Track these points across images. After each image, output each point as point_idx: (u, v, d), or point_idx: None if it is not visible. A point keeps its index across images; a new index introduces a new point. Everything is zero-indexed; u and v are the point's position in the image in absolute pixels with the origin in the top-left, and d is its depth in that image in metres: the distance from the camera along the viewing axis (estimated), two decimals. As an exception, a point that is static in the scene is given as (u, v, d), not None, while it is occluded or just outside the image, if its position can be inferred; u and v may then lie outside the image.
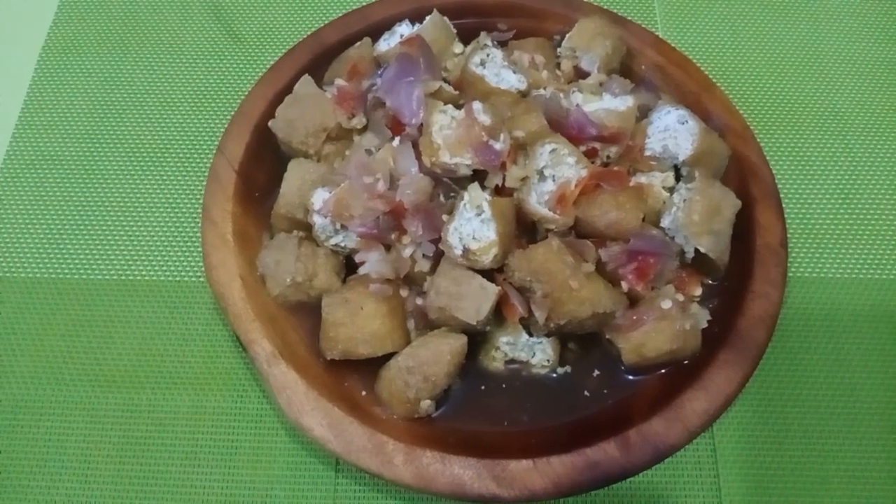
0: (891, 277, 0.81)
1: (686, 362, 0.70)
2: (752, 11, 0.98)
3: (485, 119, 0.67)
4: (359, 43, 0.81)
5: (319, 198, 0.70)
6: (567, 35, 0.82)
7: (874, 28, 0.97)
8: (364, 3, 0.88)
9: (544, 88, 0.76)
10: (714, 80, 0.84)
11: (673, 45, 0.88)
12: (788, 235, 0.81)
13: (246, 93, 0.81)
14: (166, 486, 0.70)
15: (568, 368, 0.71)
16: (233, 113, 0.80)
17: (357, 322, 0.67)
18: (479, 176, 0.69)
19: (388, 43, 0.81)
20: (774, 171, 0.80)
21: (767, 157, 0.80)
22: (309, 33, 0.85)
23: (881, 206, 0.85)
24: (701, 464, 0.72)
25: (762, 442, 0.73)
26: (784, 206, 0.80)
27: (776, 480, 0.71)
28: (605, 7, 0.89)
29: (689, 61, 0.84)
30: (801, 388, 0.75)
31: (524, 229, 0.70)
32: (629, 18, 0.88)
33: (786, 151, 0.88)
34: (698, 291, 0.73)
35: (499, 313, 0.69)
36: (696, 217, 0.70)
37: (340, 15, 0.86)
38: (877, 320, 0.78)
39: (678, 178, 0.75)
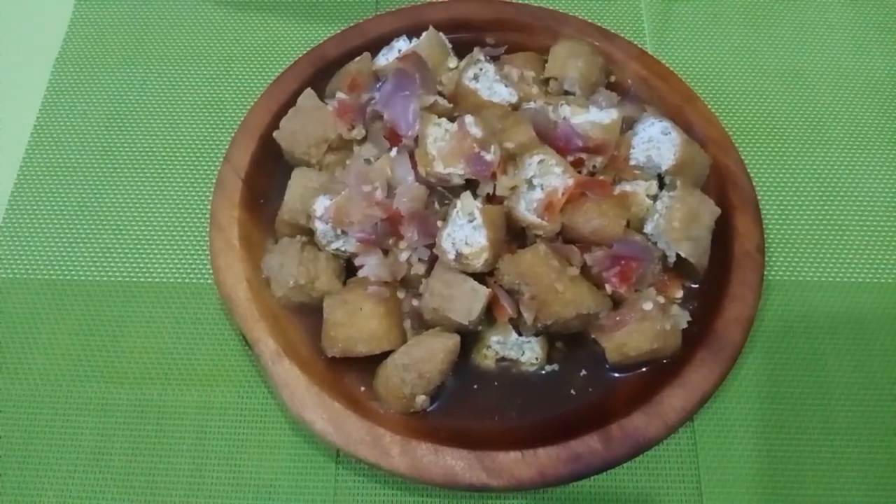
0: (864, 281, 0.84)
1: (666, 361, 0.73)
2: (738, 25, 1.01)
3: (476, 132, 0.71)
4: (358, 57, 0.85)
5: (321, 205, 0.74)
6: (545, 66, 0.86)
7: (856, 40, 1.00)
8: (363, 19, 0.91)
9: (534, 101, 0.79)
10: (699, 92, 0.88)
11: (661, 58, 0.91)
12: (768, 241, 0.85)
13: (251, 104, 0.84)
14: (176, 478, 0.74)
15: (555, 366, 0.74)
16: (239, 124, 0.83)
17: (356, 322, 0.71)
18: (471, 185, 0.72)
19: (386, 57, 0.84)
20: (755, 180, 0.83)
21: (749, 166, 0.83)
22: (311, 47, 0.88)
23: (856, 213, 0.88)
24: (682, 457, 0.75)
25: (741, 437, 0.76)
26: (764, 212, 0.84)
27: (753, 473, 0.74)
28: (594, 22, 0.92)
29: (673, 74, 0.88)
30: (778, 385, 0.78)
31: (514, 235, 0.74)
32: (618, 33, 0.91)
33: (767, 160, 0.92)
34: (679, 294, 0.77)
35: (490, 314, 0.72)
36: (676, 224, 0.73)
37: (341, 30, 0.90)
38: (851, 321, 0.82)
39: (661, 186, 0.79)
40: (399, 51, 0.84)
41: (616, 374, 0.74)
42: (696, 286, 0.78)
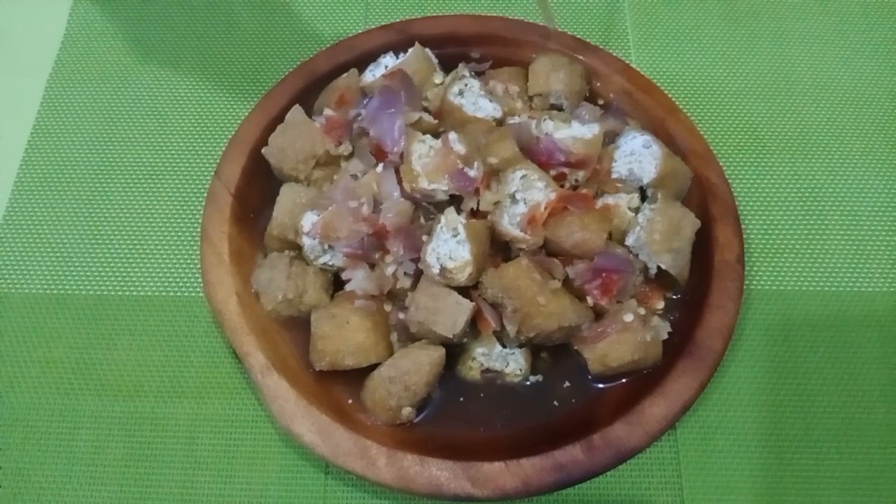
0: (844, 289, 0.85)
1: (647, 371, 0.75)
2: (721, 37, 1.02)
3: (460, 148, 0.72)
4: (346, 74, 0.86)
5: (309, 220, 0.75)
6: (528, 84, 0.87)
7: (839, 50, 1.01)
8: (352, 34, 0.92)
9: (519, 116, 0.81)
10: (682, 103, 0.89)
11: (645, 69, 0.93)
12: (749, 251, 0.87)
13: (242, 119, 0.86)
14: (168, 489, 0.75)
15: (539, 377, 0.76)
16: (229, 139, 0.84)
17: (343, 335, 0.72)
18: (455, 200, 0.74)
19: (373, 74, 0.86)
20: (737, 189, 0.85)
21: (730, 176, 0.85)
22: (301, 62, 0.90)
23: (837, 222, 0.89)
24: (665, 465, 0.76)
25: (723, 444, 0.77)
26: (745, 222, 0.85)
27: (735, 480, 0.75)
28: (578, 35, 0.93)
29: (655, 86, 0.89)
30: (759, 394, 0.79)
31: (498, 248, 0.75)
32: (602, 45, 0.93)
33: (749, 170, 0.92)
34: (661, 305, 0.78)
35: (474, 326, 0.74)
36: (657, 236, 0.75)
37: (330, 45, 0.91)
38: (831, 330, 0.83)
39: (643, 198, 0.80)
40: (385, 67, 0.85)
41: (599, 385, 0.75)
42: (678, 297, 0.79)
